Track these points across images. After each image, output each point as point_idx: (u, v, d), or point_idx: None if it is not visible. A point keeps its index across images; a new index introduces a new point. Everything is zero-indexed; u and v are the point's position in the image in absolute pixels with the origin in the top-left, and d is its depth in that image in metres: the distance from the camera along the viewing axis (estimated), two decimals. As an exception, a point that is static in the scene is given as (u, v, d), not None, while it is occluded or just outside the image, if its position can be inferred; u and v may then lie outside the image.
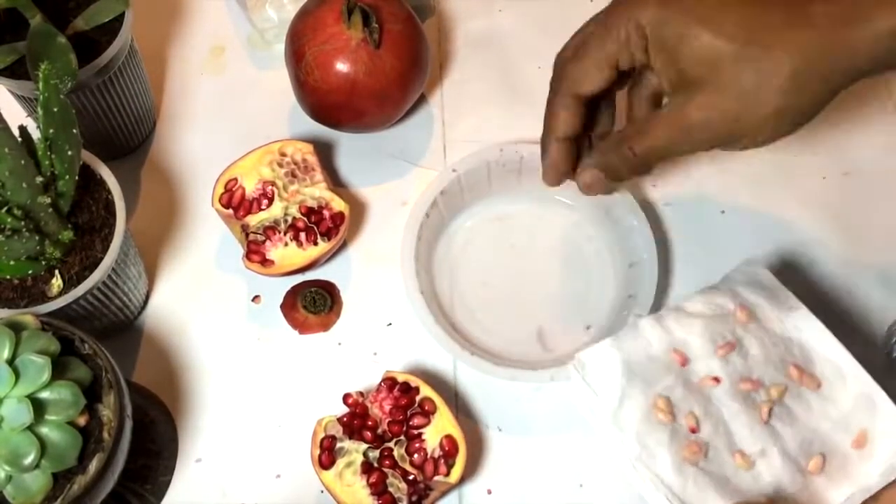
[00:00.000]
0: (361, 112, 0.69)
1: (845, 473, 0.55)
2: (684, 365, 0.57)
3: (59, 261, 0.57)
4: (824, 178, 0.73)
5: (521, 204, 0.71)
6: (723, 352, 0.57)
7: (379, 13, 0.67)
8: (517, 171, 0.69)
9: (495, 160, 0.68)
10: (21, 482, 0.48)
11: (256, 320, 0.68)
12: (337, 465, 0.59)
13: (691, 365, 0.57)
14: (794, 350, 0.57)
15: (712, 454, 0.55)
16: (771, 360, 0.57)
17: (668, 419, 0.55)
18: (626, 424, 0.55)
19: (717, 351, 0.57)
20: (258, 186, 0.67)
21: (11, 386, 0.48)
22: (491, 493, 0.63)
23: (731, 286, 0.60)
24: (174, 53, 0.79)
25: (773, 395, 0.56)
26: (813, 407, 0.56)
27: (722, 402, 0.56)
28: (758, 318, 0.58)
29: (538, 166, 0.62)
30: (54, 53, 0.58)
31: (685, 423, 0.55)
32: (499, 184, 0.70)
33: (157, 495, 0.62)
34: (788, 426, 0.56)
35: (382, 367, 0.65)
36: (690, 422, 0.55)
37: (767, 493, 0.54)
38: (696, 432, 0.55)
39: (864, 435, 0.55)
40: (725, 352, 0.57)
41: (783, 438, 0.55)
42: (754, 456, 0.55)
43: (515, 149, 0.68)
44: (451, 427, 0.59)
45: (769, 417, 0.55)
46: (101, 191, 0.60)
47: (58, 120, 0.54)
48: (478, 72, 0.78)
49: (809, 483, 0.55)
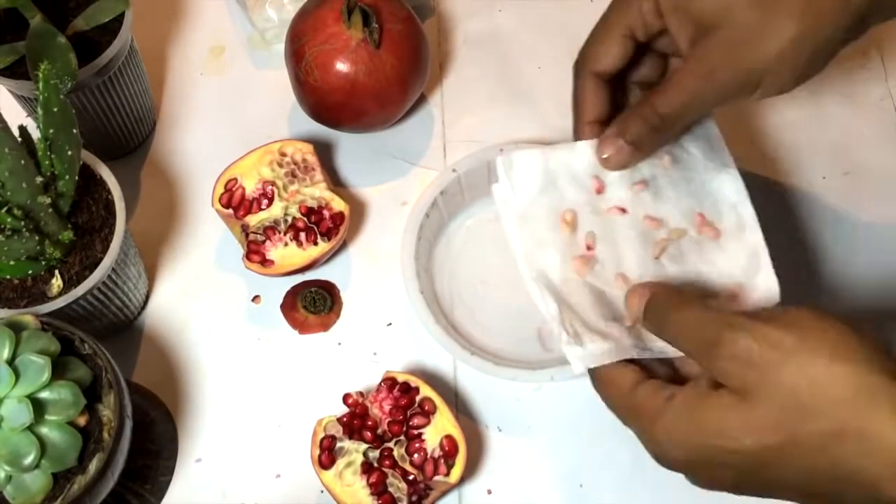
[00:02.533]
0: (361, 112, 0.69)
1: None
2: (599, 192, 0.58)
3: (59, 261, 0.57)
4: (824, 177, 0.73)
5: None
6: (637, 188, 0.58)
7: (379, 13, 0.67)
8: None
9: (495, 160, 0.68)
10: (21, 482, 0.48)
11: (256, 320, 0.68)
12: (337, 465, 0.59)
13: (605, 193, 0.58)
14: (706, 202, 0.58)
15: (598, 269, 0.56)
16: (680, 206, 0.58)
17: (568, 230, 0.57)
18: (530, 222, 0.57)
19: (633, 186, 0.58)
20: (258, 186, 0.67)
21: (11, 386, 0.48)
22: (491, 493, 0.63)
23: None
24: (174, 53, 0.79)
25: (672, 236, 0.57)
26: (704, 254, 0.57)
27: (622, 230, 0.57)
28: (682, 166, 0.59)
29: None
30: (54, 53, 0.58)
31: (583, 240, 0.57)
32: None
33: (156, 495, 0.62)
34: (676, 265, 0.57)
35: (382, 367, 0.65)
36: (588, 240, 0.57)
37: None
38: (591, 250, 0.56)
39: (740, 288, 0.56)
40: (640, 188, 0.58)
41: (667, 275, 0.56)
42: (634, 282, 0.56)
43: (516, 148, 0.68)
44: (451, 427, 0.59)
45: (660, 254, 0.57)
46: (101, 191, 0.60)
47: (58, 120, 0.54)
48: (478, 72, 0.78)
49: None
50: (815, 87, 0.77)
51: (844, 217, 0.72)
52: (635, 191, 0.58)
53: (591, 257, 0.56)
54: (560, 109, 0.76)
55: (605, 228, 0.57)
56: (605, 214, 0.58)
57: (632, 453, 0.63)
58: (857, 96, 0.76)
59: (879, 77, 0.77)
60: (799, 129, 0.75)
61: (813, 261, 0.70)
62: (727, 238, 0.58)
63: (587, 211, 0.57)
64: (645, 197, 0.58)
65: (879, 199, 0.72)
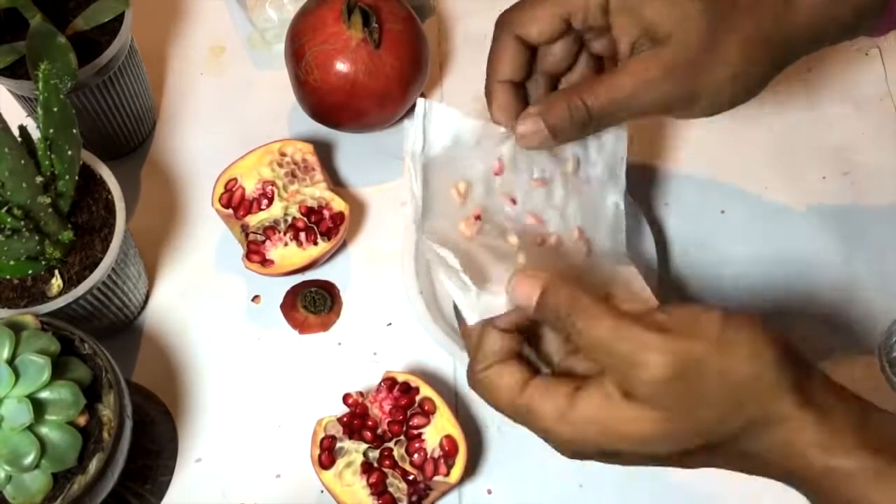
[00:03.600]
0: (361, 112, 0.69)
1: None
2: (497, 174, 0.57)
3: (59, 261, 0.57)
4: (824, 177, 0.73)
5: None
6: (535, 184, 0.58)
7: (379, 13, 0.67)
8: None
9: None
10: (21, 482, 0.48)
11: (256, 320, 0.68)
12: (337, 465, 0.59)
13: (503, 176, 0.57)
14: (588, 219, 0.58)
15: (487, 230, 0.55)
16: (565, 215, 0.58)
17: (459, 200, 0.56)
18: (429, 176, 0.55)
19: (531, 181, 0.57)
20: (258, 186, 0.67)
21: (11, 386, 0.48)
22: (491, 493, 0.62)
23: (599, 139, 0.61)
24: (174, 53, 0.79)
25: (551, 241, 0.57)
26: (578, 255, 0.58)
27: (506, 218, 0.57)
28: (582, 177, 0.59)
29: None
30: (54, 53, 0.58)
31: (472, 210, 0.56)
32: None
33: (156, 495, 0.62)
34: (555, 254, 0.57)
35: (382, 367, 0.65)
36: (476, 211, 0.56)
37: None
38: (478, 220, 0.56)
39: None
40: (536, 185, 0.58)
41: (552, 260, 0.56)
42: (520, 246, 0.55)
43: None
44: (451, 427, 0.59)
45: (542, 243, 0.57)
46: (101, 191, 0.60)
47: (58, 120, 0.54)
48: (478, 71, 0.78)
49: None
50: (816, 86, 0.77)
51: (844, 217, 0.72)
52: (531, 186, 0.57)
53: (479, 224, 0.55)
54: (560, 109, 0.76)
55: (492, 209, 0.57)
56: (496, 196, 0.57)
57: (632, 453, 0.63)
58: (857, 96, 0.76)
59: (879, 77, 0.77)
60: (799, 129, 0.75)
61: (813, 261, 0.70)
62: (598, 256, 0.58)
63: (480, 188, 0.57)
64: (537, 195, 0.57)
65: (879, 199, 0.72)
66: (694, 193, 0.73)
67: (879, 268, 0.69)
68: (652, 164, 0.74)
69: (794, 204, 0.72)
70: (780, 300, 0.69)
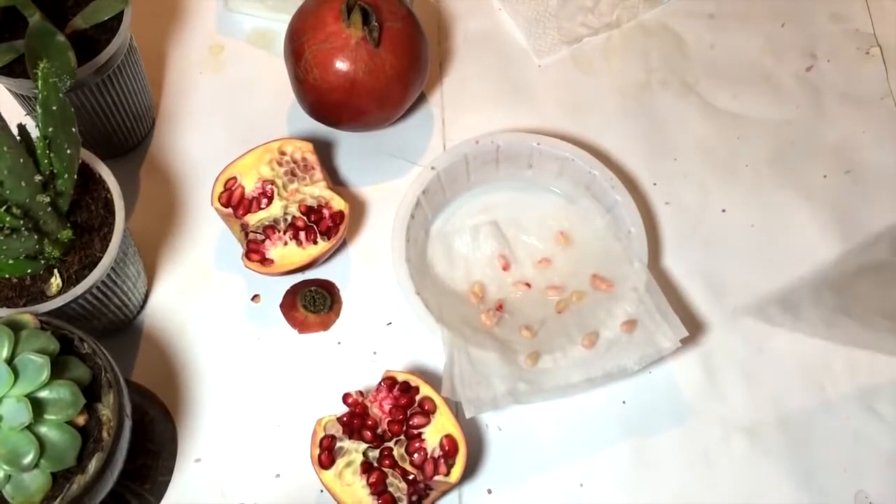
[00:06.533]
0: (361, 111, 0.68)
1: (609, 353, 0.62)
2: (506, 269, 0.67)
3: (58, 260, 0.57)
4: (825, 176, 0.73)
5: (502, 193, 0.71)
6: (541, 265, 0.68)
7: (378, 11, 0.66)
8: (494, 160, 0.69)
9: (472, 153, 0.68)
10: (20, 482, 0.48)
11: (256, 320, 0.68)
12: (337, 465, 0.59)
13: (511, 270, 0.68)
14: (600, 263, 0.66)
15: (505, 320, 0.65)
16: (577, 274, 0.67)
17: (476, 302, 0.66)
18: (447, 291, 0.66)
19: (537, 265, 0.68)
20: (257, 185, 0.67)
21: (10, 385, 0.48)
22: (491, 493, 0.62)
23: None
24: (173, 52, 0.78)
25: (573, 298, 0.66)
26: (601, 302, 0.65)
27: (526, 300, 0.66)
28: (573, 241, 0.68)
29: (516, 154, 0.68)
30: (53, 52, 0.57)
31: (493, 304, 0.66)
32: (477, 176, 0.70)
33: (156, 495, 0.62)
34: (576, 316, 0.65)
35: (382, 366, 0.65)
36: (495, 305, 0.66)
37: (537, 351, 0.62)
38: (500, 310, 0.66)
39: (636, 320, 0.62)
40: (543, 266, 0.68)
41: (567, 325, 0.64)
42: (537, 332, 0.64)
43: (491, 139, 0.68)
44: (451, 427, 0.59)
45: (563, 309, 0.66)
46: (100, 189, 0.60)
47: (57, 118, 0.54)
48: (478, 70, 0.78)
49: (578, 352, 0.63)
50: (816, 85, 0.77)
51: (845, 215, 0.72)
52: (539, 268, 0.68)
53: (500, 314, 0.65)
54: (560, 108, 0.76)
55: (511, 299, 0.66)
56: (511, 288, 0.67)
57: (632, 453, 0.63)
58: (857, 95, 0.76)
59: (880, 76, 0.77)
60: (800, 128, 0.75)
61: (813, 260, 0.70)
62: (619, 285, 0.64)
63: (495, 286, 0.67)
64: (547, 272, 0.67)
65: (880, 198, 0.72)
66: (694, 193, 0.73)
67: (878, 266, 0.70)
68: (652, 163, 0.74)
69: (796, 202, 0.72)
70: (781, 299, 0.69)
